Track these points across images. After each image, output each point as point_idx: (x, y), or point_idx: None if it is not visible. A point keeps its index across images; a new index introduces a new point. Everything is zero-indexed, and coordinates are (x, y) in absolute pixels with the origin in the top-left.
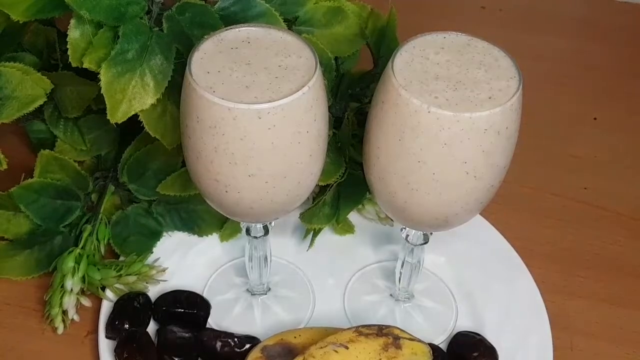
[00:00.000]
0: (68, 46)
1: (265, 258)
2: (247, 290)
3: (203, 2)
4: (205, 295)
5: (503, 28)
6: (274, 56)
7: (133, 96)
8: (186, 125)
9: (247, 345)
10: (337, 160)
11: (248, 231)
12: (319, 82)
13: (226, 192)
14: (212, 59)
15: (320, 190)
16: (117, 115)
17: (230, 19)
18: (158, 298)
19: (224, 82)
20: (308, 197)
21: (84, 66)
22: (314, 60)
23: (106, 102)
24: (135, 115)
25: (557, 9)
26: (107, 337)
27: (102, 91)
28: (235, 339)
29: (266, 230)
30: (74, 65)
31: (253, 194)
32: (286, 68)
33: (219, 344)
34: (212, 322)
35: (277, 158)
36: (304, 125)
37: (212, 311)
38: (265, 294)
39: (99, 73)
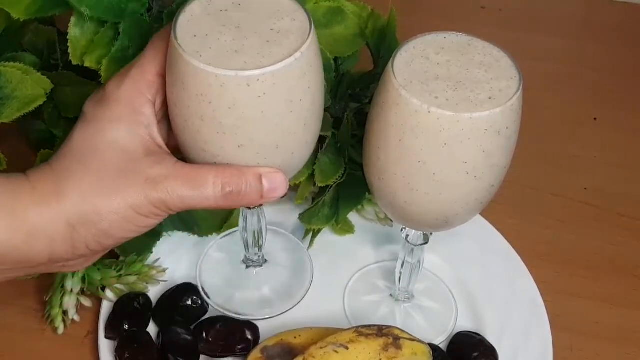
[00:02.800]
0: (68, 44)
1: (261, 228)
2: (243, 262)
3: None
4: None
5: (503, 28)
6: (266, 19)
7: None
8: (172, 93)
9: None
10: (337, 161)
11: None
12: (314, 47)
13: (215, 163)
14: (200, 22)
15: (319, 191)
16: None
17: None
18: (158, 300)
19: (211, 47)
20: (307, 197)
21: (85, 65)
22: (308, 23)
23: None
24: None
25: (557, 9)
26: (106, 337)
27: None
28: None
29: None
30: (74, 63)
31: (243, 165)
32: (278, 32)
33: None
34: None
35: (268, 128)
36: (296, 94)
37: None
38: (262, 265)
39: (99, 71)
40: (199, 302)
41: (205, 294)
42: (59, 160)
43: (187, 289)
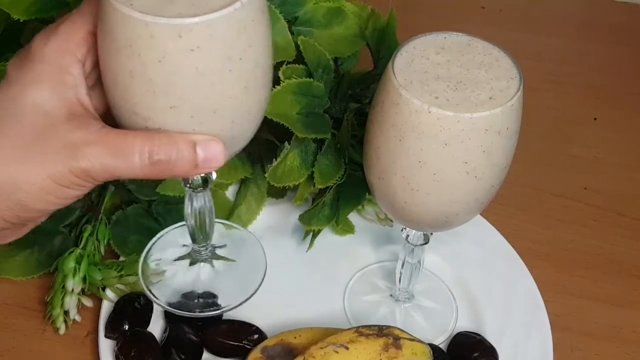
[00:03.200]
0: None
1: (208, 213)
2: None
3: None
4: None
5: (503, 28)
6: None
7: None
8: (101, 46)
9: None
10: (336, 162)
11: (185, 181)
12: (258, 1)
13: (146, 127)
14: None
15: (319, 192)
16: None
17: None
18: None
19: None
20: (307, 198)
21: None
22: None
23: None
24: None
25: (557, 9)
26: (106, 336)
27: None
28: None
29: (205, 181)
30: None
31: (177, 131)
32: None
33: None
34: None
35: (203, 87)
36: (236, 50)
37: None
38: (209, 260)
39: None
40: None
41: (150, 291)
42: None
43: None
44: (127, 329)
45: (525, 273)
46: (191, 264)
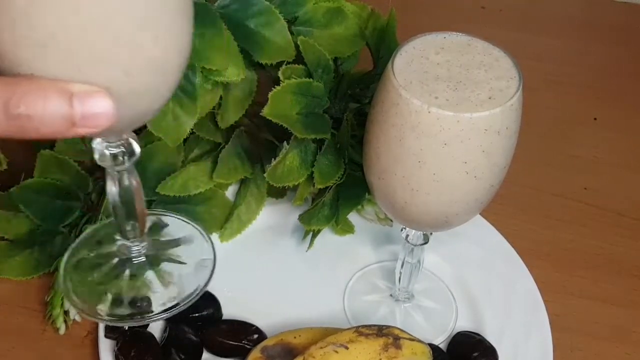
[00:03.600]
0: None
1: (136, 193)
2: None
3: (204, 1)
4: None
5: (503, 28)
6: None
7: None
8: None
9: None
10: (336, 162)
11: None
12: None
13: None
14: None
15: (319, 192)
16: None
17: (230, 17)
18: None
19: None
20: (307, 198)
21: None
22: None
23: None
24: None
25: (556, 9)
26: (106, 336)
27: None
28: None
29: (127, 154)
30: None
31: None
32: None
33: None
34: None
35: (81, 20)
36: None
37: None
38: (144, 259)
39: None
40: (215, 313)
41: (71, 298)
42: None
43: (207, 299)
44: (127, 329)
45: (525, 273)
46: (121, 263)
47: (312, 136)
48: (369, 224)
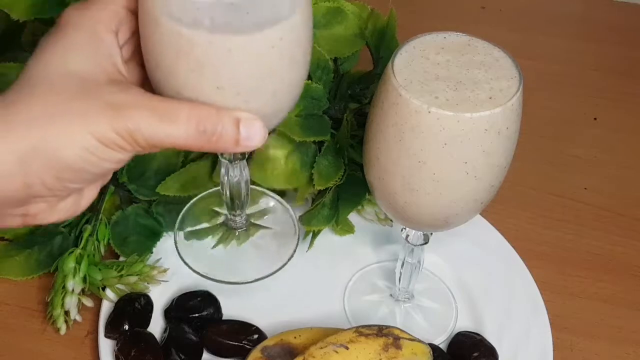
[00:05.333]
0: None
1: (243, 183)
2: (224, 223)
3: None
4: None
5: (503, 28)
6: None
7: None
8: (143, 25)
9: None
10: (336, 163)
11: (222, 153)
12: None
13: None
14: None
15: (319, 192)
16: None
17: None
18: (177, 299)
19: None
20: (307, 199)
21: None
22: None
23: None
24: None
25: (556, 9)
26: (106, 336)
27: None
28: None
29: (242, 153)
30: None
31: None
32: None
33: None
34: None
35: (250, 67)
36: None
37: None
38: (245, 228)
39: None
40: (216, 314)
41: (183, 259)
42: (8, 93)
43: (207, 299)
44: (127, 329)
45: (525, 273)
46: (226, 232)
47: (312, 139)
48: (369, 224)
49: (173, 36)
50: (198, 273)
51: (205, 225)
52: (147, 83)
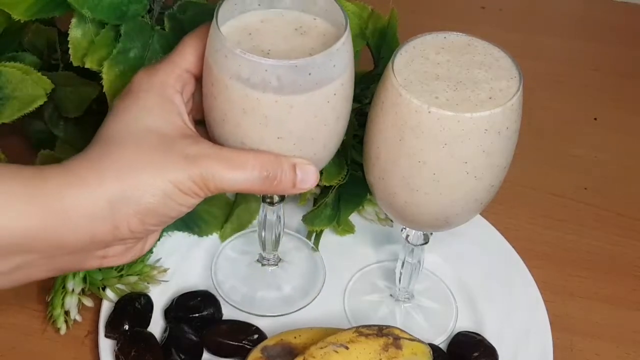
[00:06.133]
0: (69, 45)
1: (280, 226)
2: (258, 261)
3: (205, 1)
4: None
5: (503, 28)
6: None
7: None
8: (211, 84)
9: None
10: (339, 162)
11: (264, 198)
12: (348, 44)
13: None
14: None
15: (321, 192)
16: None
17: None
18: (177, 299)
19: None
20: (308, 199)
21: (86, 66)
22: (343, 21)
23: (108, 101)
24: None
25: (556, 9)
26: (106, 336)
27: (105, 89)
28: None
29: (281, 197)
30: (75, 64)
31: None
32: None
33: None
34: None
35: (307, 120)
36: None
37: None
38: (277, 264)
39: (100, 72)
40: (216, 314)
41: (221, 294)
42: (92, 148)
43: (208, 300)
44: (127, 329)
45: (525, 273)
46: (261, 266)
47: None
48: (370, 224)
49: (241, 96)
50: (232, 305)
51: (240, 262)
52: (204, 133)
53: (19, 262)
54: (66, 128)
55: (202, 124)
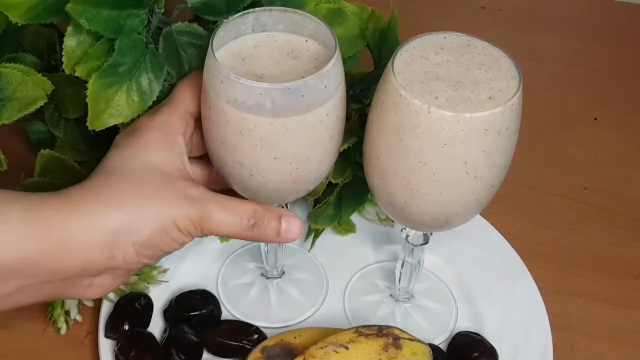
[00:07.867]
0: (63, 53)
1: (283, 246)
2: (262, 274)
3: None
4: (219, 282)
5: (503, 28)
6: (284, 51)
7: (116, 109)
8: (209, 108)
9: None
10: (343, 162)
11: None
12: (338, 65)
13: (251, 175)
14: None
15: (324, 192)
16: (97, 124)
17: None
18: (175, 298)
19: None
20: (307, 199)
21: (75, 74)
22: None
23: (89, 110)
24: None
25: (556, 9)
26: (106, 336)
27: (88, 99)
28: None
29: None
30: (67, 72)
31: (277, 177)
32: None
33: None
34: (229, 307)
35: (303, 141)
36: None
37: (227, 297)
38: (280, 277)
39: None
40: (215, 311)
41: (225, 305)
42: (96, 179)
43: (207, 298)
44: (127, 329)
45: (525, 273)
46: (266, 279)
47: None
48: (370, 224)
49: (237, 119)
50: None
51: (245, 274)
52: (199, 173)
53: (18, 286)
54: (66, 128)
55: (203, 159)
